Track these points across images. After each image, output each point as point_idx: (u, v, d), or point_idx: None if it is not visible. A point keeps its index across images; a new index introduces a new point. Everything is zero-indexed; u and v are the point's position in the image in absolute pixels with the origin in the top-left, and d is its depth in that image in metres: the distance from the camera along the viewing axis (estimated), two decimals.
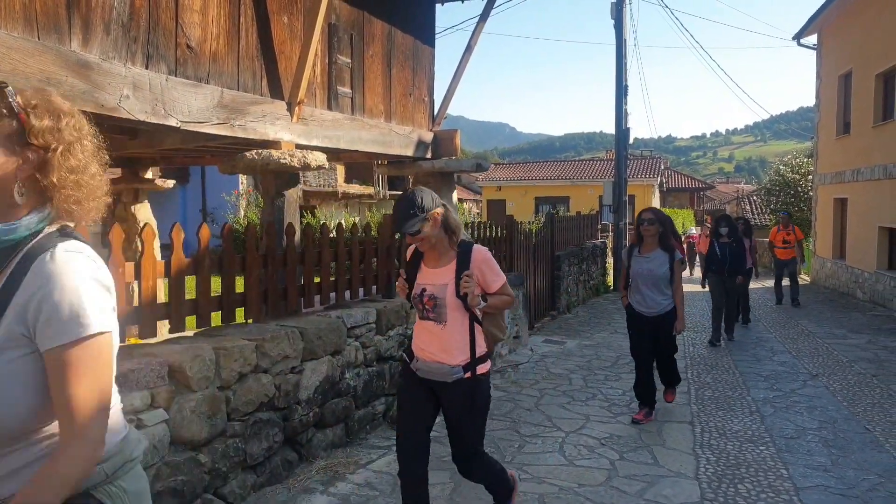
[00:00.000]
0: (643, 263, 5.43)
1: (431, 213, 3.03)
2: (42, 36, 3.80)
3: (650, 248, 5.43)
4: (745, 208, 35.31)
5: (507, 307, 3.29)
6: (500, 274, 3.17)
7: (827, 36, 16.49)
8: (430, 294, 3.12)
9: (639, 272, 5.44)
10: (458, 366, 3.07)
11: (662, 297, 5.38)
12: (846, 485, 4.18)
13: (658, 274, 5.34)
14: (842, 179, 14.99)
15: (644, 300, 5.43)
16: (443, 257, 3.15)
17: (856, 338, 9.26)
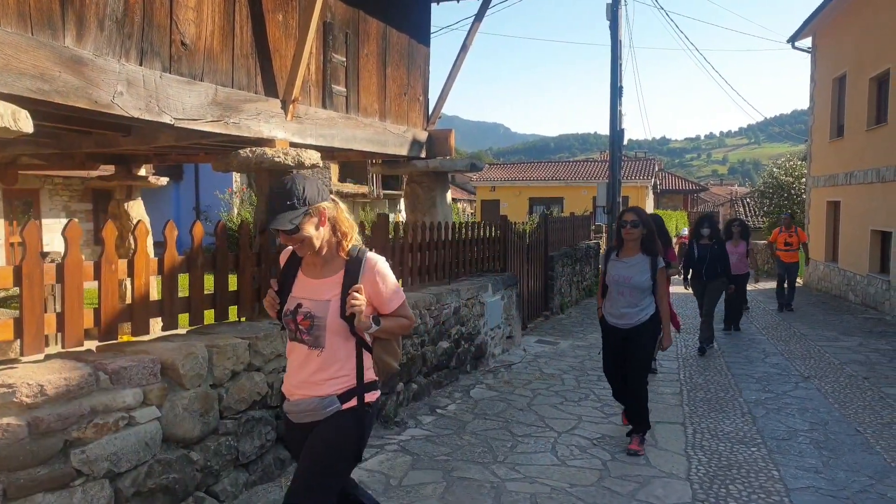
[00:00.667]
0: (621, 269, 4.84)
1: (316, 207, 2.45)
2: (36, 31, 3.78)
3: (631, 253, 4.87)
4: (739, 210, 35.43)
5: (404, 332, 2.73)
6: (398, 291, 2.61)
7: (821, 39, 16.57)
8: (307, 311, 2.51)
9: (616, 279, 4.85)
10: (332, 395, 2.51)
11: (639, 308, 4.78)
12: (837, 486, 4.20)
13: (638, 282, 4.76)
14: (835, 182, 15.07)
15: (618, 311, 4.85)
16: (327, 266, 2.56)
17: (847, 340, 9.31)
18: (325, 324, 2.47)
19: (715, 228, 8.62)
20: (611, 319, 4.92)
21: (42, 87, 3.78)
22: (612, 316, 4.91)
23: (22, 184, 11.98)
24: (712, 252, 8.41)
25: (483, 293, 7.33)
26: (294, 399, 2.57)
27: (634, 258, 4.83)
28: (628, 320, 4.80)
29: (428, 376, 6.06)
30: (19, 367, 2.97)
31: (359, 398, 2.52)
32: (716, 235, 8.56)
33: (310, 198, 2.42)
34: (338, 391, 2.50)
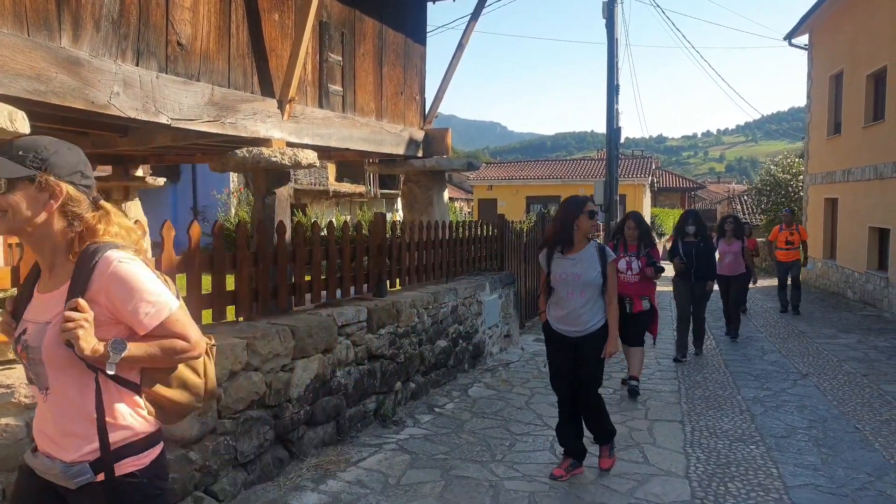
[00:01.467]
0: (568, 267, 4.23)
1: (49, 178, 1.69)
2: (32, 32, 3.77)
3: (579, 247, 4.28)
4: (737, 208, 35.49)
5: (176, 360, 1.81)
6: (157, 302, 1.74)
7: (818, 36, 16.59)
8: (25, 340, 1.76)
9: (563, 278, 4.25)
10: (81, 463, 1.72)
11: (591, 311, 4.22)
12: (836, 483, 4.20)
13: (588, 279, 4.20)
14: (832, 180, 15.09)
15: (567, 315, 4.26)
16: (55, 273, 1.79)
17: (846, 337, 9.32)
18: (41, 355, 1.72)
19: (701, 225, 7.87)
20: (558, 326, 4.28)
21: (38, 88, 3.77)
22: (560, 322, 4.28)
23: None
24: (698, 250, 7.73)
25: (481, 292, 7.33)
26: (40, 452, 1.81)
27: (582, 252, 4.26)
28: (579, 327, 4.22)
29: (426, 375, 6.06)
30: (18, 367, 2.96)
31: (106, 469, 1.73)
32: (702, 232, 7.82)
33: (52, 164, 1.70)
34: (85, 456, 1.73)
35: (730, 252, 9.28)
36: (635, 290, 6.22)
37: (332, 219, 7.43)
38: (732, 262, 9.28)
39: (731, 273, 9.27)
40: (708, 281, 7.83)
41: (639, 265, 6.23)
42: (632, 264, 6.24)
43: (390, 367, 5.43)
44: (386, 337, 5.37)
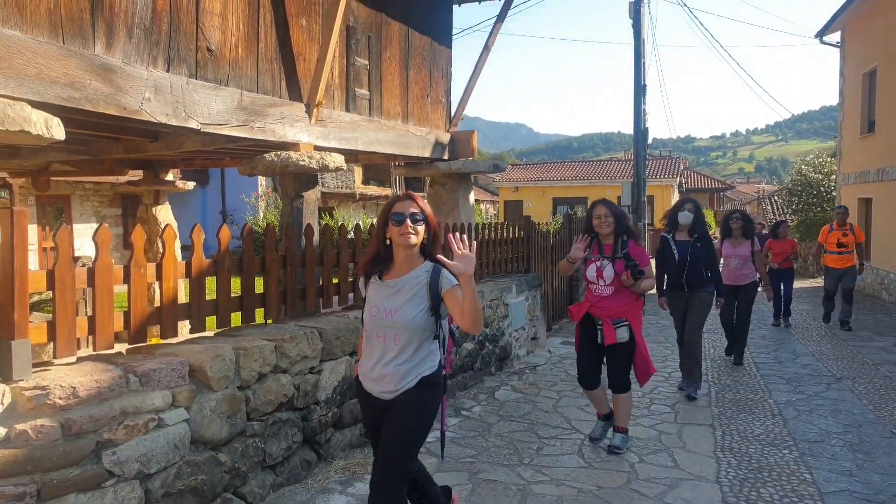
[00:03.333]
0: (383, 297, 3.00)
1: None
2: (67, 40, 3.85)
3: (401, 269, 3.01)
4: (766, 209, 34.91)
5: None
6: None
7: (850, 33, 16.27)
8: None
9: (371, 315, 3.02)
10: None
11: (409, 362, 2.92)
12: (872, 490, 4.11)
13: (406, 319, 2.91)
14: (866, 179, 14.77)
15: (375, 369, 2.99)
16: None
17: (881, 340, 9.11)
18: None
19: (699, 217, 6.24)
20: (367, 383, 2.98)
21: (73, 95, 3.85)
22: (368, 378, 2.97)
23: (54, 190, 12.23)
24: (694, 252, 6.12)
25: (507, 294, 7.31)
26: None
27: (410, 275, 2.93)
28: (388, 385, 2.89)
29: (452, 378, 6.06)
30: (52, 369, 3.03)
31: None
32: (699, 227, 6.21)
33: None
34: None
35: (736, 256, 7.72)
36: (610, 309, 4.65)
37: (358, 221, 7.47)
38: (738, 268, 7.71)
39: (738, 282, 7.70)
40: (710, 293, 6.21)
41: (614, 271, 4.66)
42: (604, 270, 4.66)
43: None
44: None
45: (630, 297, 4.69)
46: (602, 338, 4.68)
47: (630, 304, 4.68)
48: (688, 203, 6.25)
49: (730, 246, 7.82)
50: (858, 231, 10.05)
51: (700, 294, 6.17)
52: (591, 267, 4.78)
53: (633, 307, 4.71)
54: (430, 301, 2.90)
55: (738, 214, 8.00)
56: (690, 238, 6.16)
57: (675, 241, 6.22)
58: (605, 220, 4.73)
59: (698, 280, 6.12)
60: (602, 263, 4.71)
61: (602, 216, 4.74)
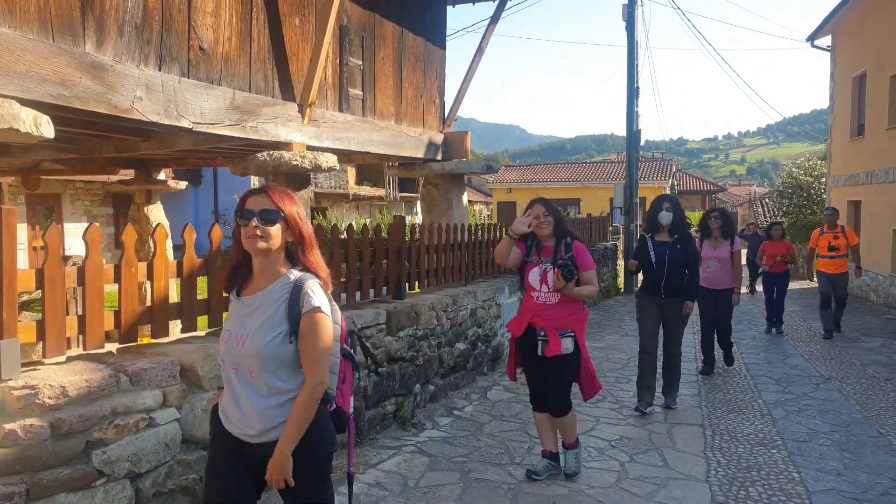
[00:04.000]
0: (235, 323, 2.39)
1: None
2: (57, 38, 3.84)
3: (259, 282, 2.40)
4: (758, 211, 35.10)
5: None
6: None
7: (841, 37, 16.38)
8: None
9: (223, 340, 2.43)
10: None
11: (273, 401, 2.29)
12: (859, 489, 4.14)
13: (259, 348, 2.28)
14: (855, 182, 14.88)
15: (234, 406, 2.38)
16: None
17: (869, 341, 9.18)
18: None
19: (680, 217, 5.70)
20: (225, 421, 2.37)
21: (63, 93, 3.84)
22: (226, 415, 2.36)
23: (44, 188, 12.16)
24: (673, 254, 5.60)
25: (500, 294, 7.33)
26: None
27: (268, 290, 2.31)
28: (250, 427, 2.29)
29: (445, 378, 6.07)
30: (42, 368, 3.02)
31: None
32: (680, 227, 5.70)
33: None
34: None
35: (715, 258, 7.10)
36: (553, 318, 4.11)
37: (351, 222, 7.47)
38: (717, 272, 7.10)
39: (716, 285, 7.12)
40: (686, 300, 5.68)
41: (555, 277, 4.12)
42: (548, 275, 4.15)
43: (409, 369, 5.44)
44: (405, 339, 5.39)
45: (576, 306, 4.19)
46: (543, 349, 4.06)
47: (577, 314, 4.18)
48: (666, 201, 5.70)
49: (709, 247, 7.16)
50: (851, 234, 9.56)
51: (677, 304, 5.66)
52: (533, 271, 4.21)
53: (579, 318, 4.20)
54: (290, 325, 2.25)
55: (716, 213, 7.38)
56: (671, 238, 5.63)
57: (654, 242, 5.68)
58: (545, 220, 4.19)
59: (677, 286, 5.61)
60: (545, 267, 4.18)
61: (541, 215, 4.19)
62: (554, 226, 4.23)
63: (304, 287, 2.26)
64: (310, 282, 2.28)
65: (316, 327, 2.23)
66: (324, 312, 2.24)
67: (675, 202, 5.76)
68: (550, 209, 4.24)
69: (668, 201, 5.70)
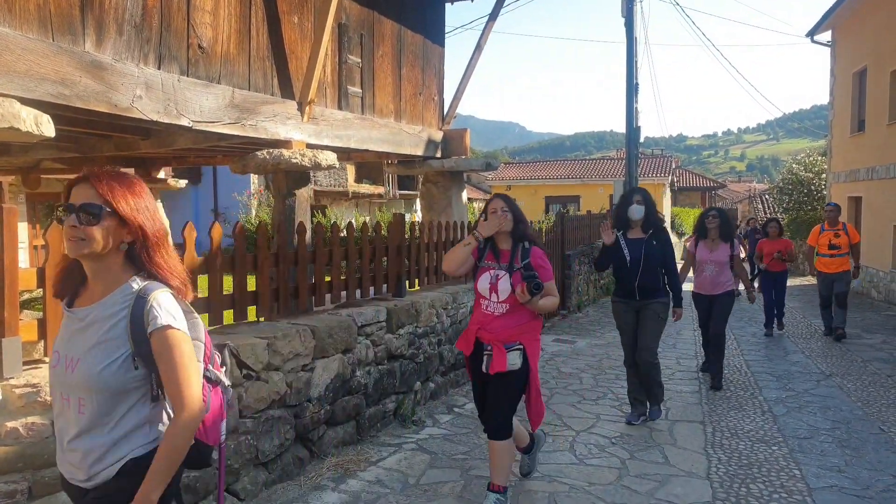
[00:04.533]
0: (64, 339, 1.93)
1: None
2: (56, 37, 3.84)
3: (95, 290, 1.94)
4: (758, 207, 35.09)
5: None
6: None
7: (841, 33, 16.36)
8: None
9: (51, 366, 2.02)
10: None
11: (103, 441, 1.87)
12: (860, 485, 4.14)
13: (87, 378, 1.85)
14: (856, 178, 14.87)
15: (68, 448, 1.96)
16: None
17: (870, 337, 9.18)
18: None
19: (651, 208, 5.23)
20: (61, 466, 1.93)
21: (63, 92, 3.83)
22: (59, 454, 1.93)
23: (44, 188, 12.15)
24: (650, 251, 5.16)
25: None
26: None
27: (104, 302, 1.88)
28: (80, 471, 1.87)
29: (445, 375, 6.07)
30: (43, 367, 3.02)
31: None
32: (653, 221, 5.24)
33: None
34: None
35: (712, 261, 6.52)
36: (502, 331, 3.63)
37: (351, 220, 7.47)
38: (715, 275, 6.53)
39: (712, 290, 6.57)
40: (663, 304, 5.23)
41: (510, 284, 3.64)
42: (499, 283, 3.64)
43: (410, 366, 5.45)
44: (405, 337, 5.39)
45: (527, 315, 3.68)
46: (487, 365, 3.62)
47: (527, 324, 3.68)
48: (636, 194, 5.25)
49: (705, 249, 6.58)
50: (853, 231, 8.94)
51: (652, 305, 5.18)
52: (483, 277, 3.72)
53: (531, 329, 3.72)
54: (133, 345, 1.81)
55: (714, 212, 6.72)
56: (645, 235, 5.20)
57: (627, 240, 5.21)
58: (503, 215, 3.73)
59: (653, 286, 5.18)
60: (497, 273, 3.68)
61: (499, 210, 3.75)
62: (513, 226, 3.76)
63: (148, 299, 1.82)
64: (156, 293, 1.83)
65: (170, 347, 1.81)
66: (176, 328, 1.83)
67: (647, 194, 5.30)
68: (510, 205, 3.80)
69: (639, 194, 5.26)
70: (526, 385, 3.70)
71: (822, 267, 8.95)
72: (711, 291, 6.58)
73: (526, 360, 3.65)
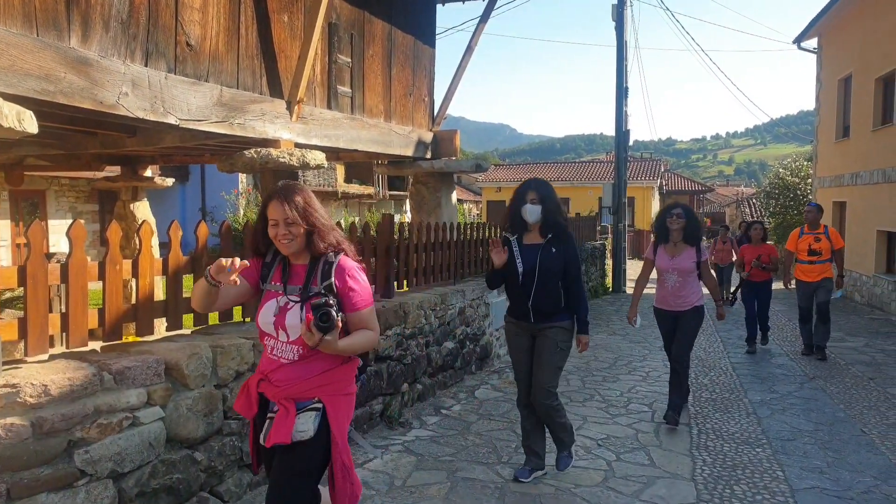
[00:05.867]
0: None
1: None
2: (41, 32, 3.80)
3: None
4: (745, 211, 35.34)
5: None
6: None
7: (827, 40, 16.51)
8: None
9: None
10: None
11: None
12: (842, 487, 4.18)
13: None
14: (841, 183, 15.01)
15: None
16: None
17: (853, 341, 9.26)
18: None
19: (551, 206, 4.08)
20: None
21: (47, 88, 3.80)
22: None
23: (28, 185, 12.04)
24: (547, 260, 4.03)
25: (488, 294, 7.33)
26: None
27: None
28: None
29: (433, 377, 6.06)
30: (24, 367, 2.98)
31: None
32: (552, 223, 4.08)
33: None
34: None
35: (674, 269, 5.30)
36: (289, 383, 2.57)
37: (340, 220, 7.45)
38: (678, 287, 5.31)
39: (676, 306, 5.35)
40: (564, 331, 4.09)
41: (303, 318, 2.48)
42: (288, 315, 2.56)
43: (397, 368, 5.43)
44: (393, 338, 5.37)
45: (332, 360, 2.59)
46: (265, 434, 2.55)
47: (331, 372, 2.60)
48: (531, 190, 4.04)
49: (665, 255, 5.36)
50: (836, 236, 7.94)
51: (550, 331, 4.04)
52: (267, 307, 2.63)
53: (337, 378, 2.62)
54: None
55: (679, 209, 5.34)
56: (543, 239, 4.05)
57: (522, 247, 4.08)
58: (287, 229, 2.54)
59: (551, 306, 4.04)
60: (287, 303, 2.59)
61: (278, 217, 2.56)
62: (305, 232, 2.56)
63: None
64: None
65: None
66: None
67: (547, 190, 4.09)
68: (290, 199, 2.57)
69: (535, 191, 4.03)
70: (327, 461, 2.62)
71: (801, 275, 7.92)
72: (674, 307, 5.38)
73: (326, 426, 2.56)
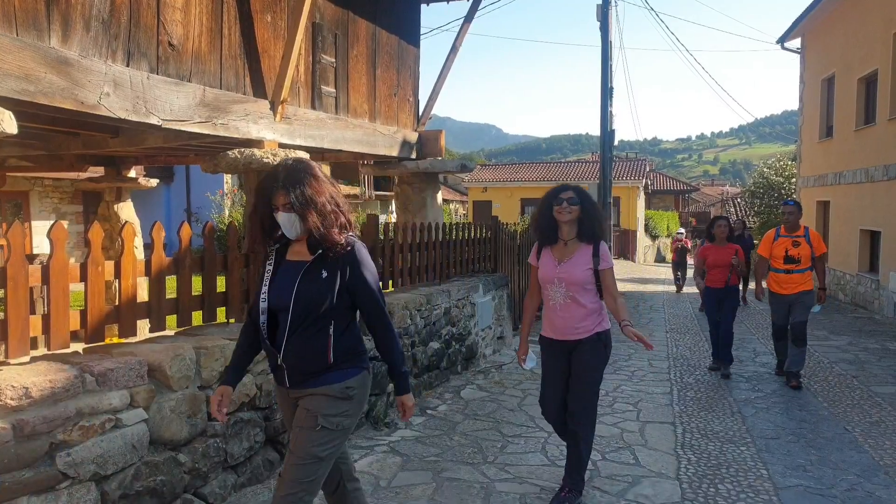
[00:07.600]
0: None
1: None
2: (21, 32, 3.76)
3: None
4: (730, 210, 35.60)
5: None
6: None
7: (811, 40, 16.67)
8: None
9: None
10: None
11: None
12: (825, 485, 4.21)
13: None
14: (824, 182, 15.16)
15: None
16: None
17: (837, 339, 9.36)
18: None
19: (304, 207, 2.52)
20: None
21: (27, 88, 3.76)
22: None
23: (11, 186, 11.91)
24: (309, 287, 2.58)
25: (474, 294, 7.33)
26: None
27: None
28: None
29: (418, 377, 6.05)
30: (4, 369, 2.95)
31: None
32: (318, 235, 2.55)
33: None
34: None
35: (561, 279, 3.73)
36: None
37: None
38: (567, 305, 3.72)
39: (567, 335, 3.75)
40: (342, 402, 2.66)
41: None
42: None
43: (382, 368, 5.42)
44: None
45: None
46: None
47: None
48: (278, 189, 2.53)
49: (551, 260, 3.81)
50: (817, 240, 6.65)
51: (312, 401, 2.61)
52: None
53: None
54: None
55: (569, 192, 3.83)
56: (311, 255, 2.62)
57: (285, 265, 2.69)
58: None
59: (313, 359, 2.61)
60: None
61: None
62: None
63: None
64: None
65: None
66: None
67: (300, 172, 2.54)
68: None
69: (285, 190, 2.51)
70: None
71: (775, 286, 6.72)
72: (565, 336, 3.77)
73: None
